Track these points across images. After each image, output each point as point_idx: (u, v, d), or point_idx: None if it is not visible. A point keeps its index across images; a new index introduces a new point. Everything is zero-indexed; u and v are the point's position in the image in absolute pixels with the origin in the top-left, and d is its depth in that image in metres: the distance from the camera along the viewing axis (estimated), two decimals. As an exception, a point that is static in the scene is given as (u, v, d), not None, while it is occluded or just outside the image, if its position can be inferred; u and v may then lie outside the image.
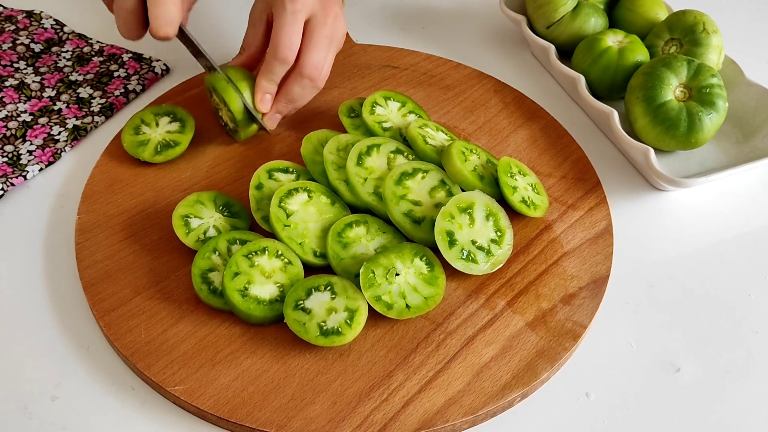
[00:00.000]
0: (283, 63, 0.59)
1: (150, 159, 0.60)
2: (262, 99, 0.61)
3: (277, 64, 0.59)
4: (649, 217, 0.62)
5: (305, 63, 0.60)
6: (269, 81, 0.60)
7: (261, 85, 0.60)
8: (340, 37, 0.63)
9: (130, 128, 0.62)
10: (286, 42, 0.58)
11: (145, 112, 0.63)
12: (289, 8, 0.58)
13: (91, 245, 0.55)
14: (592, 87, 0.68)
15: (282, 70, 0.60)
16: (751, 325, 0.54)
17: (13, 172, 0.61)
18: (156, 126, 0.62)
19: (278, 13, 0.59)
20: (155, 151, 0.61)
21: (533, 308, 0.52)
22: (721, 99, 0.61)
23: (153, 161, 0.60)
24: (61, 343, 0.51)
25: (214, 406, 0.46)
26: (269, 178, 0.58)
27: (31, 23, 0.75)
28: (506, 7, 0.75)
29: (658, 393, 0.50)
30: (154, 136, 0.62)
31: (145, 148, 0.61)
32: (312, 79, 0.60)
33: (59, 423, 0.47)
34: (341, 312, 0.49)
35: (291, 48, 0.59)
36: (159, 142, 0.61)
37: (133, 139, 0.61)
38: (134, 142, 0.61)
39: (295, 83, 0.60)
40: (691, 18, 0.66)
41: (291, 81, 0.60)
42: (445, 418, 0.46)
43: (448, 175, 0.58)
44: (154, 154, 0.60)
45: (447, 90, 0.71)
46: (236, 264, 0.51)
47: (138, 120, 0.63)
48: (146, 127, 0.62)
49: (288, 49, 0.59)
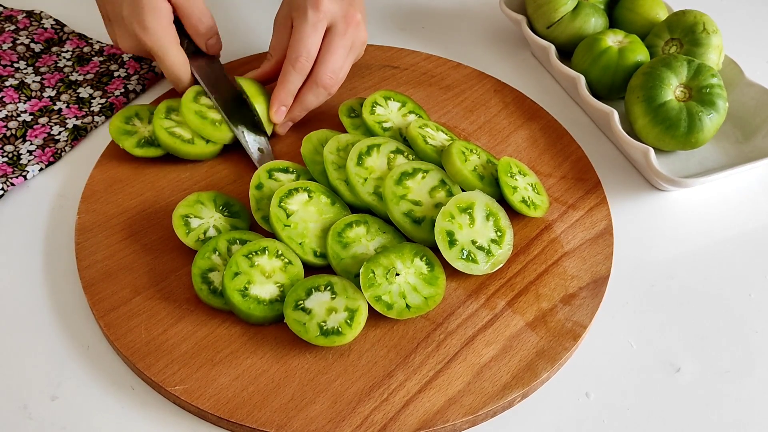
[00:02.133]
0: (300, 73, 0.60)
1: (130, 150, 0.60)
2: (277, 111, 0.61)
3: (295, 74, 0.60)
4: (649, 217, 0.62)
5: (322, 72, 0.60)
6: (287, 93, 0.61)
7: (279, 97, 0.61)
8: (360, 44, 0.63)
9: (122, 116, 0.62)
10: (304, 52, 0.59)
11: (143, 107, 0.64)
12: (311, 18, 0.58)
13: (91, 245, 0.55)
14: (592, 86, 0.68)
15: (299, 80, 0.60)
16: (751, 325, 0.54)
17: (13, 172, 0.61)
18: (148, 123, 0.62)
19: (299, 22, 0.59)
20: (138, 143, 0.61)
21: (533, 308, 0.52)
22: (721, 99, 0.61)
23: (132, 153, 0.60)
24: (61, 343, 0.51)
25: (214, 406, 0.46)
26: (269, 177, 0.58)
27: (31, 23, 0.75)
28: (506, 7, 0.75)
29: (658, 393, 0.50)
30: (142, 130, 0.62)
31: (128, 138, 0.61)
32: (326, 87, 0.61)
33: (59, 423, 0.47)
34: (341, 312, 0.49)
35: (309, 58, 0.59)
36: (145, 137, 0.61)
37: (122, 126, 0.61)
38: (121, 129, 0.61)
39: (310, 92, 0.61)
40: (692, 18, 0.66)
41: (306, 90, 0.61)
42: (445, 418, 0.46)
43: (448, 175, 0.58)
44: (136, 146, 0.60)
45: (447, 90, 0.71)
46: (236, 264, 0.51)
47: (133, 111, 0.63)
48: (138, 120, 0.62)
49: (306, 59, 0.59)
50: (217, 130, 0.61)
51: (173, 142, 0.60)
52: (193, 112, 0.60)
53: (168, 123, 0.61)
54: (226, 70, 0.67)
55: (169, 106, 0.62)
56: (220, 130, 0.61)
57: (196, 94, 0.62)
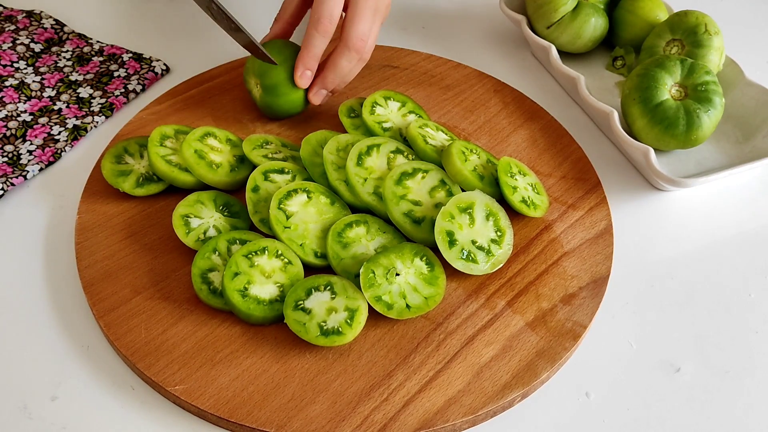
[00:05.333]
0: (324, 36, 0.58)
1: (130, 191, 0.57)
2: (302, 75, 0.60)
3: (319, 36, 0.58)
4: (649, 217, 0.62)
5: (351, 35, 0.59)
6: (310, 56, 0.59)
7: (302, 60, 0.59)
8: (384, 7, 0.62)
9: (111, 156, 0.59)
10: (326, 14, 0.58)
11: (130, 141, 0.61)
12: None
13: (91, 245, 0.55)
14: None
15: (323, 44, 0.59)
16: (751, 325, 0.54)
17: (13, 171, 0.61)
18: (140, 157, 0.60)
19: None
20: (137, 183, 0.58)
21: (533, 308, 0.52)
22: (717, 95, 0.61)
23: (133, 194, 0.57)
24: (61, 343, 0.51)
25: (214, 406, 0.46)
26: (265, 179, 0.57)
27: (31, 23, 0.75)
28: (506, 7, 0.75)
29: (658, 393, 0.50)
30: (137, 167, 0.59)
31: (125, 179, 0.58)
32: (358, 51, 0.59)
33: (59, 423, 0.47)
34: (341, 312, 0.49)
35: (332, 20, 0.58)
36: (142, 173, 0.59)
37: (115, 168, 0.58)
38: (115, 171, 0.58)
39: (342, 57, 0.60)
40: (693, 19, 0.66)
41: (337, 54, 0.60)
42: (445, 418, 0.46)
43: (448, 175, 0.58)
44: (135, 186, 0.58)
45: (447, 90, 0.71)
46: (236, 264, 0.51)
47: (121, 148, 0.60)
48: (129, 157, 0.60)
49: (329, 21, 0.58)
50: (213, 173, 0.57)
51: (170, 171, 0.57)
52: (192, 149, 0.58)
53: (164, 151, 0.58)
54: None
55: (163, 133, 0.59)
56: (217, 173, 0.57)
57: (205, 134, 0.59)
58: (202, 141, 0.59)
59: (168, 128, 0.60)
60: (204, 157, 0.58)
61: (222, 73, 0.71)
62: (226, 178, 0.58)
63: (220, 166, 0.58)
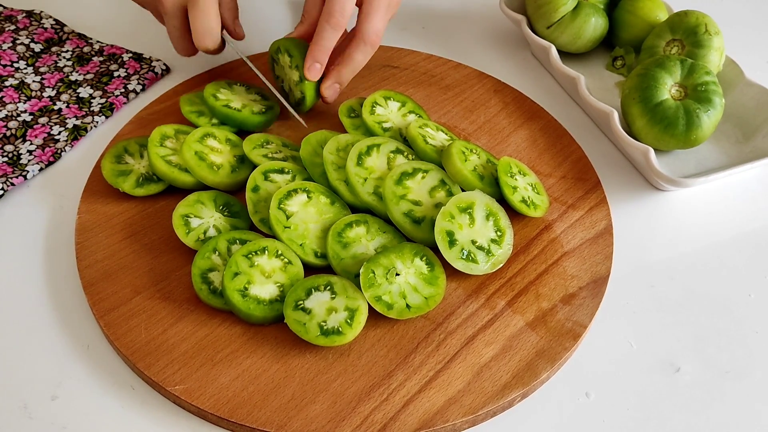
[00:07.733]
0: (335, 29, 0.58)
1: (130, 191, 0.57)
2: (311, 67, 0.60)
3: (330, 30, 0.58)
4: (649, 217, 0.62)
5: (368, 30, 0.59)
6: (321, 49, 0.59)
7: (312, 53, 0.59)
8: (396, 2, 0.62)
9: (111, 155, 0.59)
10: (338, 8, 0.58)
11: (130, 141, 0.61)
12: None
13: (91, 245, 0.55)
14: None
15: (335, 37, 0.59)
16: (751, 325, 0.54)
17: (13, 171, 0.61)
18: (140, 157, 0.60)
19: None
20: (137, 183, 0.58)
21: (533, 308, 0.52)
22: (717, 95, 0.61)
23: (133, 194, 0.57)
24: (61, 343, 0.51)
25: (214, 406, 0.46)
26: (265, 179, 0.57)
27: (31, 23, 0.75)
28: (506, 7, 0.75)
29: (658, 393, 0.50)
30: (137, 167, 0.59)
31: (125, 179, 0.58)
32: (374, 46, 0.60)
33: (59, 423, 0.47)
34: (341, 312, 0.49)
35: (345, 14, 0.58)
36: (142, 174, 0.59)
37: (115, 167, 0.58)
38: (115, 171, 0.58)
39: (359, 51, 0.60)
40: (693, 19, 0.66)
41: (354, 48, 0.60)
42: (445, 418, 0.46)
43: (448, 175, 0.58)
44: (135, 186, 0.58)
45: (447, 90, 0.71)
46: (236, 264, 0.51)
47: (121, 148, 0.60)
48: (129, 156, 0.60)
49: (342, 15, 0.58)
50: (214, 175, 0.57)
51: (170, 171, 0.57)
52: (193, 151, 0.57)
53: (164, 151, 0.58)
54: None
55: (163, 133, 0.59)
56: (218, 175, 0.57)
57: (205, 135, 0.59)
58: (202, 142, 0.59)
59: (168, 128, 0.60)
60: (204, 158, 0.58)
61: (222, 73, 0.71)
62: (227, 179, 0.58)
63: (221, 168, 0.58)
